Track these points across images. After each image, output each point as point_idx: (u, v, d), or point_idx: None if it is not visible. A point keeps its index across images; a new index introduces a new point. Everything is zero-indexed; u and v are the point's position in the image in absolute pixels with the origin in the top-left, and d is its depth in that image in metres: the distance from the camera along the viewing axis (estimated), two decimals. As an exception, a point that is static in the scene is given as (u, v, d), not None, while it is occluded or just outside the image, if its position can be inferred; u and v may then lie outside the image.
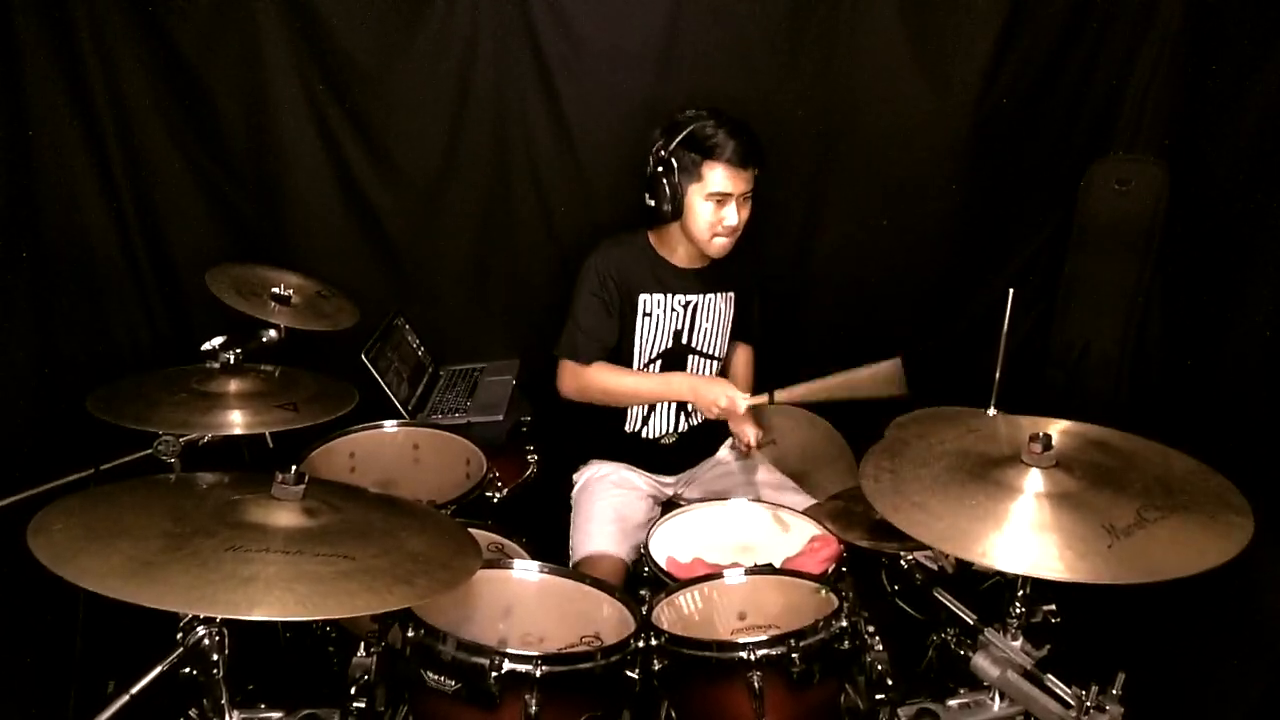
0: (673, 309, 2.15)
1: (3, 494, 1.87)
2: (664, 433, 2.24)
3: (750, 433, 2.22)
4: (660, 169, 2.02)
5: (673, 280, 2.15)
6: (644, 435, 2.24)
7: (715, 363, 2.26)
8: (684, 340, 2.19)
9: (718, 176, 1.98)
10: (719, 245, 2.06)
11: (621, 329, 2.15)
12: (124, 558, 1.13)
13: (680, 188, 2.01)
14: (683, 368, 2.21)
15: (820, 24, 2.46)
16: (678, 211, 2.04)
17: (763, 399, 1.97)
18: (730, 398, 2.00)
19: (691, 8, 2.40)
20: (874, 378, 1.84)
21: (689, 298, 2.16)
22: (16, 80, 2.17)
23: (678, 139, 2.00)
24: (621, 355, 2.17)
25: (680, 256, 2.15)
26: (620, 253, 2.14)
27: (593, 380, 2.12)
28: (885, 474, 1.51)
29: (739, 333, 2.30)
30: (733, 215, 2.01)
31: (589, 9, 2.39)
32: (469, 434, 2.24)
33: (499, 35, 2.40)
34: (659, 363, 2.19)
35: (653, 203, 2.06)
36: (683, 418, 2.25)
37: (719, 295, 2.20)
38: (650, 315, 2.15)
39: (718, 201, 2.00)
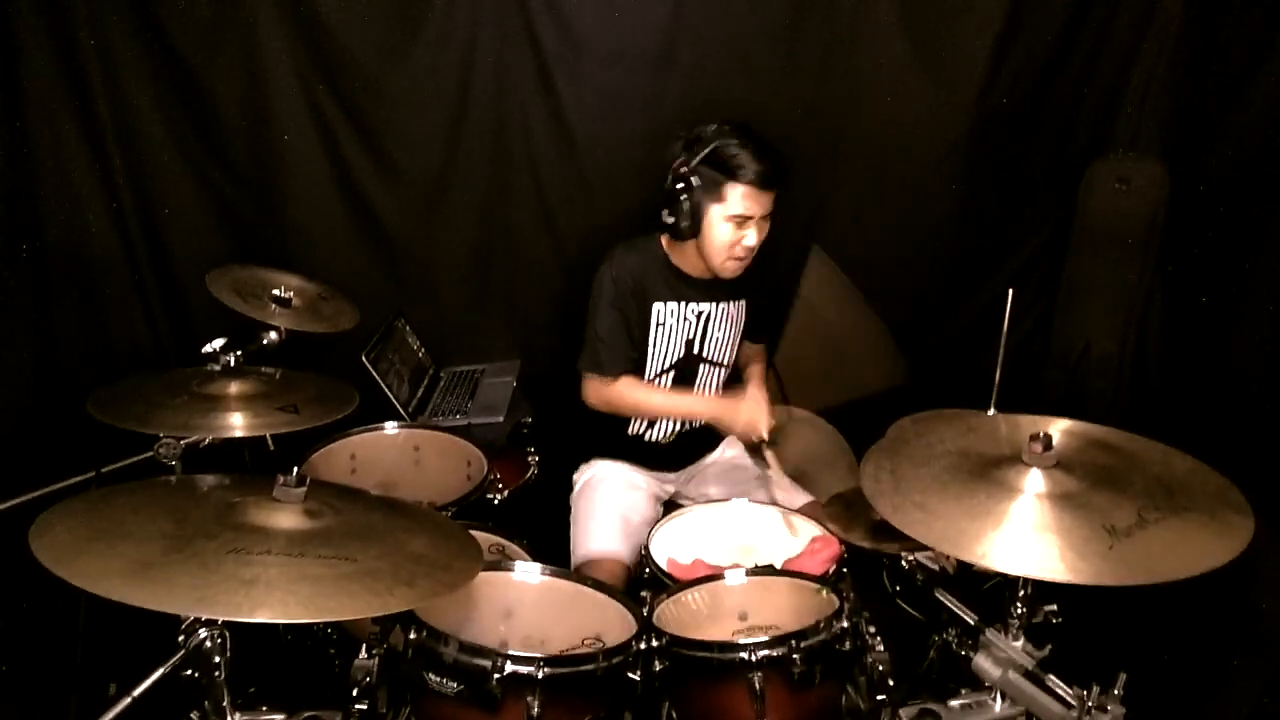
0: (685, 318, 2.14)
1: (4, 496, 1.87)
2: (665, 435, 2.24)
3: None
4: (680, 185, 1.98)
5: (686, 289, 2.12)
6: (646, 438, 2.24)
7: (724, 370, 2.25)
8: (695, 350, 2.17)
9: (742, 198, 1.95)
10: (731, 267, 2.04)
11: (637, 338, 2.13)
12: (125, 560, 1.13)
13: (701, 206, 1.98)
14: (694, 377, 2.20)
15: (820, 24, 2.46)
16: (696, 229, 2.00)
17: (781, 415, 1.97)
18: (754, 412, 2.02)
19: (691, 8, 2.41)
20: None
21: (701, 307, 2.14)
22: (16, 80, 2.17)
23: (700, 156, 1.96)
24: (636, 365, 2.15)
25: (693, 267, 2.12)
26: (635, 260, 2.11)
27: (619, 396, 2.12)
28: (885, 474, 1.51)
29: (751, 332, 2.28)
30: (752, 237, 1.99)
31: (589, 9, 2.39)
32: (470, 435, 2.24)
33: (499, 35, 2.40)
34: (671, 374, 2.18)
35: (671, 219, 2.01)
36: (686, 423, 2.24)
37: (731, 304, 2.18)
38: (664, 325, 2.13)
39: (738, 223, 1.98)
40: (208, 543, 1.19)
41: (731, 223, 1.98)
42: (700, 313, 2.14)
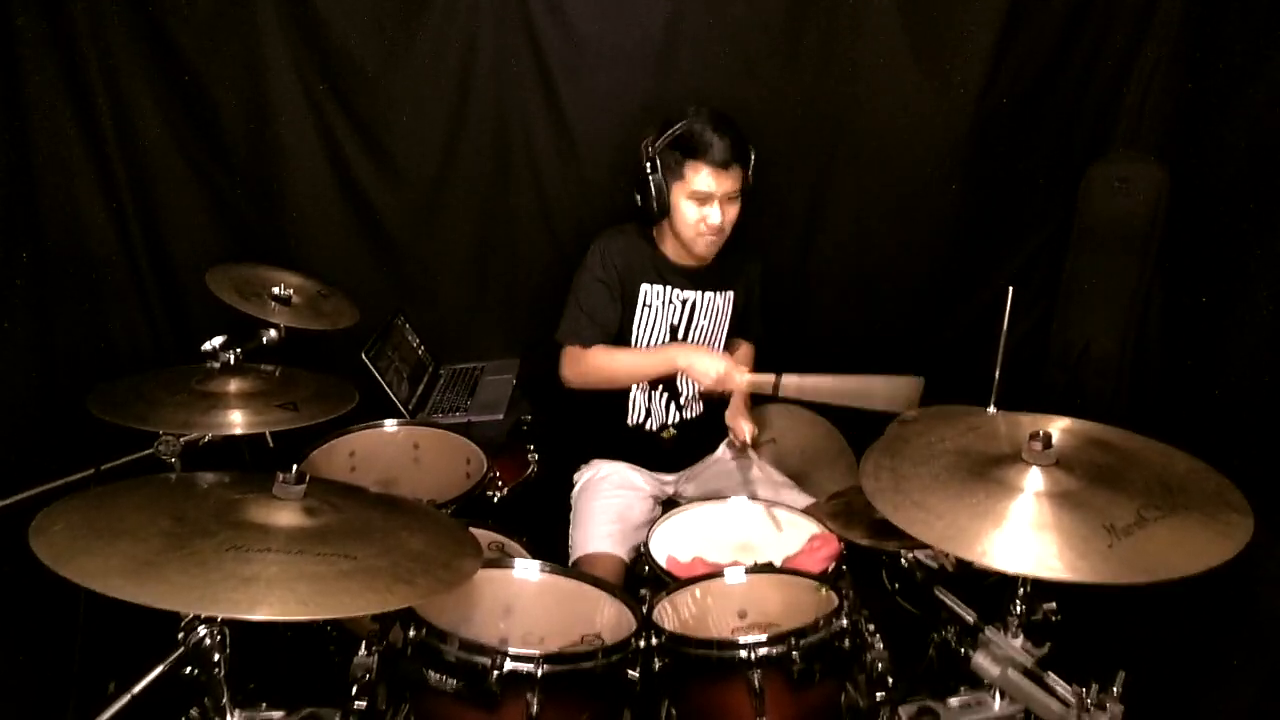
0: (670, 303, 2.16)
1: (4, 494, 1.87)
2: (663, 424, 2.24)
3: (745, 428, 2.20)
4: (647, 167, 2.03)
5: (672, 275, 2.15)
6: (646, 428, 2.24)
7: None
8: (680, 335, 2.19)
9: (699, 176, 1.99)
10: (704, 245, 2.06)
11: (621, 318, 2.14)
12: (125, 557, 1.13)
13: (665, 186, 2.03)
14: None
15: (820, 24, 2.46)
16: (664, 210, 2.05)
17: (767, 378, 1.94)
18: (728, 367, 1.96)
19: (691, 8, 2.41)
20: (890, 389, 1.82)
21: (687, 294, 2.16)
22: (16, 80, 2.17)
23: (664, 138, 2.02)
24: (617, 343, 2.16)
25: (677, 253, 2.15)
26: (624, 241, 2.15)
27: (593, 362, 2.11)
28: (885, 472, 1.51)
29: (738, 330, 2.30)
30: (715, 215, 2.01)
31: (589, 9, 2.39)
32: (469, 433, 2.24)
33: (499, 35, 2.40)
34: None
35: (640, 200, 2.07)
36: (676, 411, 2.24)
37: (718, 294, 2.20)
38: (650, 306, 2.15)
39: (700, 201, 2.01)
40: (207, 540, 1.19)
41: (693, 200, 2.01)
42: (686, 300, 2.16)
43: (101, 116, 2.31)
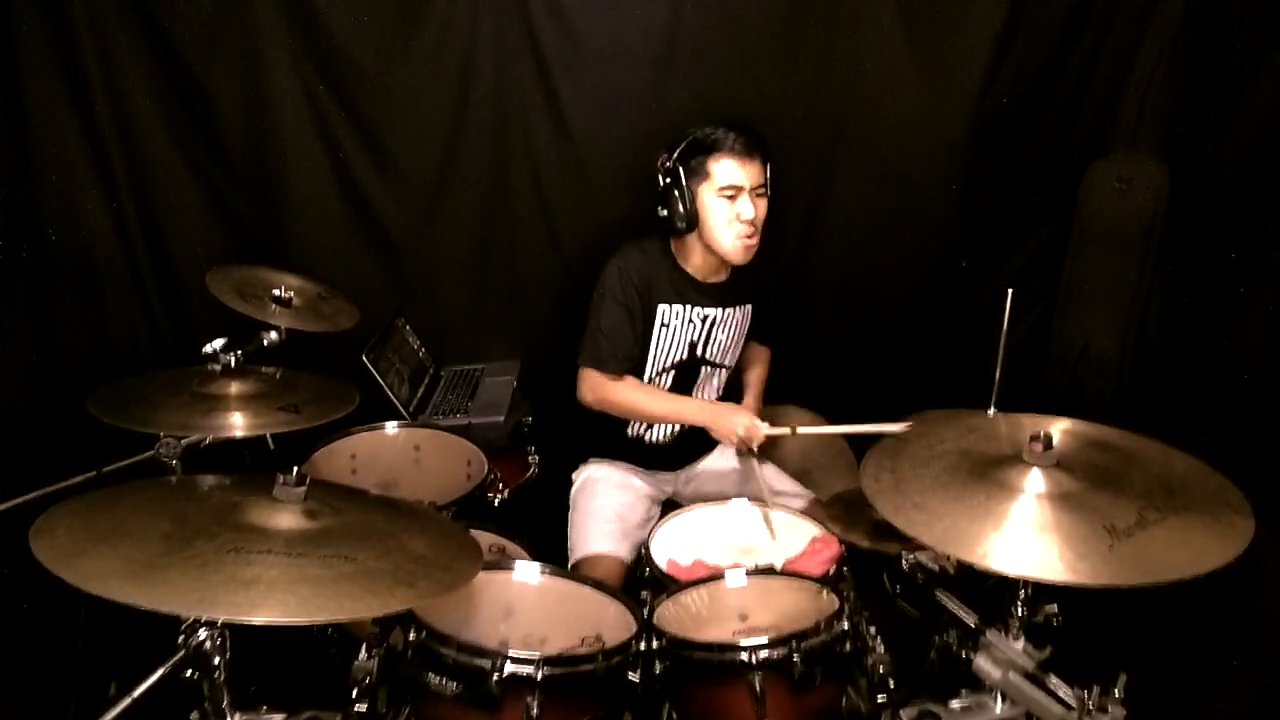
0: (690, 321, 2.13)
1: (5, 496, 1.87)
2: (665, 436, 2.24)
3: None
4: (669, 180, 2.00)
5: (692, 293, 2.12)
6: (647, 439, 2.24)
7: (726, 372, 2.25)
8: (698, 352, 2.17)
9: (725, 169, 1.96)
10: (741, 247, 2.01)
11: (639, 336, 2.12)
12: (126, 560, 1.13)
13: (691, 192, 1.99)
14: (695, 378, 2.19)
15: (820, 24, 2.46)
16: (692, 219, 2.01)
17: (784, 431, 1.98)
18: (749, 426, 2.01)
19: (691, 8, 2.40)
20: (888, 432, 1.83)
21: (707, 311, 2.13)
22: (16, 80, 2.17)
23: (680, 147, 2.00)
24: (636, 365, 2.15)
25: (698, 268, 2.11)
26: (642, 258, 2.10)
27: (615, 395, 2.10)
28: (886, 474, 1.51)
29: (755, 335, 2.29)
30: (748, 208, 1.97)
31: (589, 9, 2.39)
32: (470, 435, 2.24)
33: (499, 35, 2.40)
34: (671, 373, 2.17)
35: (665, 213, 2.02)
36: (684, 424, 2.24)
37: (737, 308, 2.18)
38: (667, 325, 2.12)
39: (730, 196, 1.97)
40: (208, 543, 1.19)
41: (723, 197, 1.98)
42: (706, 316, 2.13)
43: (101, 116, 2.31)
